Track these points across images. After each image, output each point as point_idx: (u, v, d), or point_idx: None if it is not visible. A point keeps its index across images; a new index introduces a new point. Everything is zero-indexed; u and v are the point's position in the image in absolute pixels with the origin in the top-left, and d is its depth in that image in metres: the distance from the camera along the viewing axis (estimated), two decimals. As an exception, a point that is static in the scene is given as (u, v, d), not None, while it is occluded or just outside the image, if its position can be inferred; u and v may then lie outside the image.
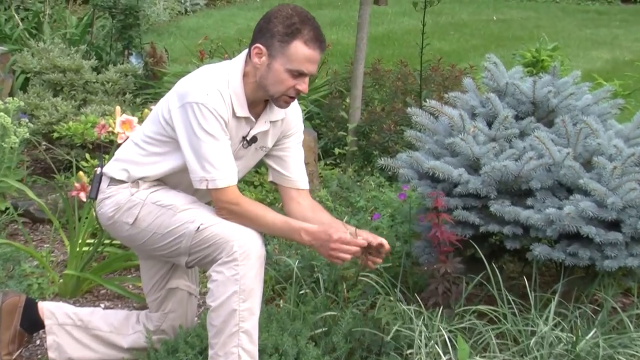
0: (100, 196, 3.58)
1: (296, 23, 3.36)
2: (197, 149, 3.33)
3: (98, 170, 3.63)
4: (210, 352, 3.35)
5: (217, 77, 3.41)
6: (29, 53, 6.98)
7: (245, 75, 3.45)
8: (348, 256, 3.36)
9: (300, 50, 3.36)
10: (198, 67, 6.57)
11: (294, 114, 3.70)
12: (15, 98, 5.36)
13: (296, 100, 3.61)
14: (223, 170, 3.34)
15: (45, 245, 5.12)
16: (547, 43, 7.28)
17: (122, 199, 3.51)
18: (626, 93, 6.17)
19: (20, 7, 9.55)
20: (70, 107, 6.34)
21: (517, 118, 4.12)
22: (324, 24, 12.53)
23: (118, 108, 4.90)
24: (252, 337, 3.32)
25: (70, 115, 6.24)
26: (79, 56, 6.94)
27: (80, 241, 4.47)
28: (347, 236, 3.35)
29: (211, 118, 3.32)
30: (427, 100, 4.23)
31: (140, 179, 3.52)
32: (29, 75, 6.95)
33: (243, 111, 3.43)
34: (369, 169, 5.94)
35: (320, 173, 5.65)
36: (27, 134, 5.23)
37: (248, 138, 3.51)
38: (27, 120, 5.42)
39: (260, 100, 3.51)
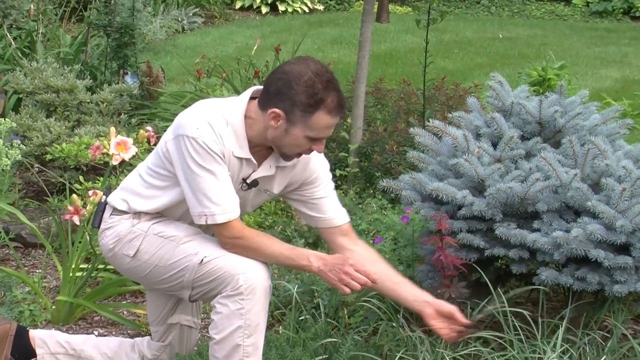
0: (102, 226, 3.58)
1: (319, 92, 3.29)
2: (193, 183, 3.32)
3: (103, 198, 3.63)
4: None
5: (213, 112, 3.37)
6: (21, 73, 6.97)
7: (247, 117, 3.40)
8: (358, 286, 3.33)
9: (323, 121, 3.33)
10: (195, 87, 6.61)
11: (315, 161, 3.61)
12: (7, 119, 5.37)
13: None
14: (222, 204, 3.32)
15: (37, 271, 5.11)
16: (554, 61, 7.31)
17: (123, 230, 3.50)
18: (636, 113, 6.19)
19: (13, 26, 9.56)
20: (64, 128, 6.34)
21: (523, 138, 4.13)
22: (325, 42, 12.57)
23: (113, 129, 4.90)
24: None
25: (63, 136, 6.24)
26: (73, 76, 6.94)
27: (73, 266, 4.47)
28: (363, 266, 3.34)
29: (203, 152, 3.29)
30: (431, 120, 4.24)
31: (141, 212, 3.51)
32: (21, 95, 6.95)
33: (243, 152, 3.39)
34: (371, 191, 5.93)
35: (320, 195, 5.64)
36: (19, 155, 5.24)
37: (248, 181, 3.47)
38: (19, 142, 5.44)
39: (261, 146, 3.47)
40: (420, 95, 6.51)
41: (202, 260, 3.33)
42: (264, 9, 14.40)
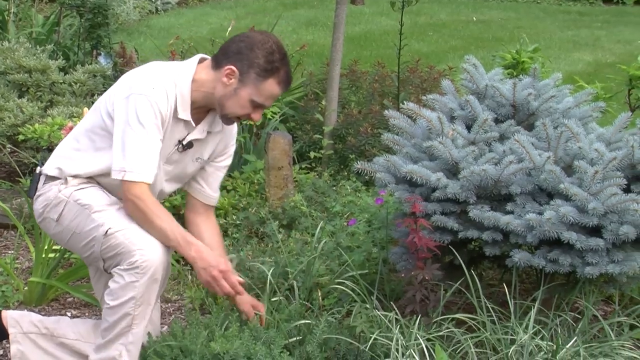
0: (36, 194, 3.67)
1: (276, 61, 3.54)
2: (126, 137, 3.43)
3: (37, 169, 3.73)
4: (98, 340, 3.54)
5: (166, 75, 3.55)
6: (-7, 53, 6.95)
7: (194, 81, 3.59)
8: (220, 291, 3.54)
9: (271, 89, 3.56)
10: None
11: (233, 129, 3.88)
12: (-22, 99, 5.34)
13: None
14: (143, 164, 3.44)
15: (9, 252, 5.10)
16: (528, 44, 7.30)
17: (51, 195, 3.60)
18: (608, 96, 6.20)
19: (-16, 5, 9.51)
20: (36, 109, 6.32)
21: (497, 121, 4.14)
22: (299, 24, 12.54)
23: (86, 109, 4.88)
24: (137, 340, 3.51)
25: (36, 117, 6.22)
26: (46, 56, 6.91)
27: (46, 247, 4.45)
28: (233, 275, 3.55)
29: (149, 110, 3.44)
30: (405, 102, 4.24)
31: (73, 176, 3.60)
32: (-7, 75, 6.92)
33: (185, 114, 3.57)
34: (345, 173, 5.94)
35: (295, 177, 5.65)
36: (-9, 136, 5.22)
37: (184, 142, 3.63)
38: (-9, 123, 5.41)
39: (204, 109, 3.66)
40: (394, 77, 6.52)
41: (106, 231, 3.43)
42: (239, -10, 14.37)
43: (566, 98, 4.26)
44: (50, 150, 5.79)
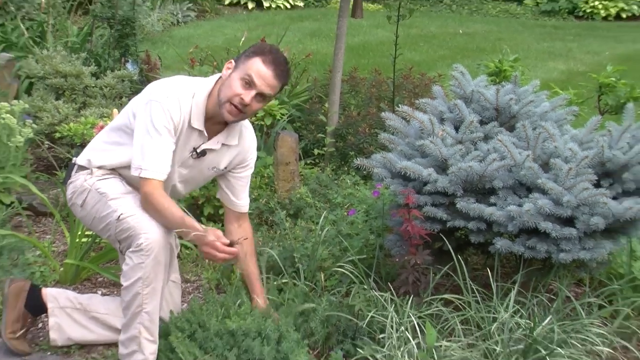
0: (68, 182, 3.72)
1: (262, 49, 3.57)
2: (144, 141, 3.48)
3: (73, 159, 3.77)
4: (123, 320, 3.54)
5: (184, 88, 3.58)
6: (33, 59, 6.95)
7: (210, 95, 3.61)
8: (220, 257, 3.45)
9: (256, 65, 3.54)
10: (189, 73, 6.57)
11: (251, 145, 3.88)
12: (20, 101, 5.34)
13: (253, 133, 3.86)
14: (156, 164, 3.47)
15: (47, 237, 5.09)
16: (509, 54, 7.29)
17: (78, 183, 3.65)
18: (580, 101, 6.19)
19: (25, 18, 9.50)
20: (71, 110, 6.32)
21: (482, 123, 4.13)
22: (304, 35, 12.50)
23: (115, 110, 4.87)
24: (152, 317, 3.48)
25: (71, 116, 6.23)
26: (80, 63, 6.91)
27: (79, 233, 4.44)
28: (220, 243, 3.43)
29: (162, 116, 3.47)
30: (400, 105, 4.23)
31: (98, 167, 3.64)
32: (33, 80, 6.92)
33: (198, 123, 3.58)
34: (346, 169, 5.93)
35: (300, 172, 5.64)
36: (31, 134, 5.22)
37: (198, 150, 3.65)
38: (31, 122, 5.41)
39: (218, 121, 3.65)
40: (390, 83, 6.50)
41: (119, 216, 3.46)
42: (250, 5, 14.33)
43: (543, 103, 4.25)
44: (83, 146, 5.79)
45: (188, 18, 12.94)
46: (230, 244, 3.42)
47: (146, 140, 3.46)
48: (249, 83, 3.53)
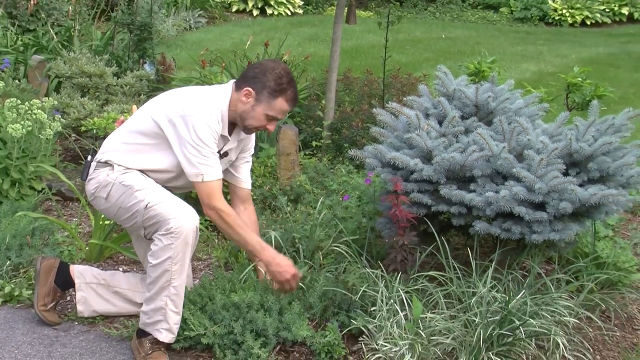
0: (88, 177, 3.71)
1: (284, 84, 3.59)
2: (190, 154, 3.50)
3: (89, 157, 3.78)
4: (146, 294, 3.52)
5: (215, 102, 3.59)
6: (61, 61, 6.94)
7: (230, 105, 3.63)
8: (289, 289, 3.65)
9: (281, 105, 3.61)
10: (200, 73, 6.53)
11: (252, 136, 3.95)
12: (50, 98, 5.32)
13: None
14: (213, 167, 3.54)
15: (74, 219, 5.08)
16: (487, 57, 7.28)
17: (101, 178, 3.63)
18: (550, 99, 6.17)
19: (55, 24, 9.47)
20: (95, 106, 6.31)
21: (463, 118, 4.12)
22: (303, 39, 12.43)
23: (134, 107, 4.86)
24: (179, 291, 3.49)
25: (95, 112, 6.23)
26: (103, 64, 6.89)
27: (103, 216, 4.43)
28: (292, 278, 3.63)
29: (209, 132, 3.50)
30: (389, 102, 4.22)
31: (119, 164, 3.63)
32: (61, 79, 6.91)
33: (225, 131, 3.64)
34: (341, 159, 5.92)
35: (300, 162, 5.63)
36: (60, 127, 5.22)
37: (222, 152, 3.70)
38: (60, 116, 5.40)
39: (232, 123, 3.71)
40: (380, 82, 6.49)
41: (147, 205, 3.47)
42: (255, 12, 14.27)
43: (517, 100, 4.24)
44: (105, 138, 5.78)
45: (199, 24, 12.88)
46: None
47: (193, 154, 3.49)
48: (273, 118, 3.64)
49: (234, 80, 3.73)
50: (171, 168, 3.61)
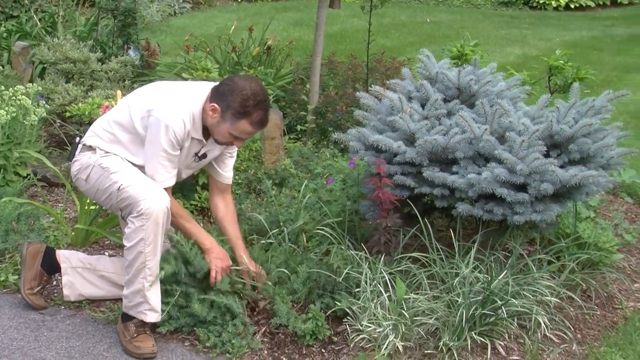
0: (73, 159, 3.75)
1: (249, 107, 3.51)
2: (153, 156, 3.53)
3: (77, 139, 3.84)
4: (125, 277, 3.55)
5: (185, 106, 3.56)
6: (45, 47, 6.91)
7: (203, 110, 3.60)
8: (217, 276, 3.65)
9: (244, 127, 3.56)
10: (185, 59, 6.51)
11: None
12: (34, 84, 5.30)
13: None
14: (165, 175, 3.55)
15: (59, 205, 5.08)
16: (470, 40, 7.28)
17: (83, 160, 3.67)
18: (532, 82, 6.18)
19: (38, 10, 9.42)
20: (80, 92, 6.29)
21: (445, 100, 4.14)
22: (288, 24, 12.38)
23: (119, 92, 4.85)
24: (154, 272, 3.51)
25: (79, 98, 6.20)
26: (87, 50, 6.86)
27: (88, 201, 4.43)
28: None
29: (172, 138, 3.50)
30: (373, 86, 4.23)
31: (100, 149, 3.65)
32: (45, 65, 6.88)
33: (197, 134, 3.62)
34: (325, 142, 5.92)
35: (285, 145, 5.63)
36: (44, 113, 5.21)
37: (199, 154, 3.71)
38: (44, 102, 5.39)
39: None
40: (364, 66, 6.49)
41: (119, 187, 3.51)
42: (240, -3, 14.23)
43: (500, 83, 4.26)
44: (90, 124, 5.77)
45: (184, 9, 12.81)
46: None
47: (155, 156, 3.52)
48: (238, 138, 3.61)
49: (213, 84, 3.69)
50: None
